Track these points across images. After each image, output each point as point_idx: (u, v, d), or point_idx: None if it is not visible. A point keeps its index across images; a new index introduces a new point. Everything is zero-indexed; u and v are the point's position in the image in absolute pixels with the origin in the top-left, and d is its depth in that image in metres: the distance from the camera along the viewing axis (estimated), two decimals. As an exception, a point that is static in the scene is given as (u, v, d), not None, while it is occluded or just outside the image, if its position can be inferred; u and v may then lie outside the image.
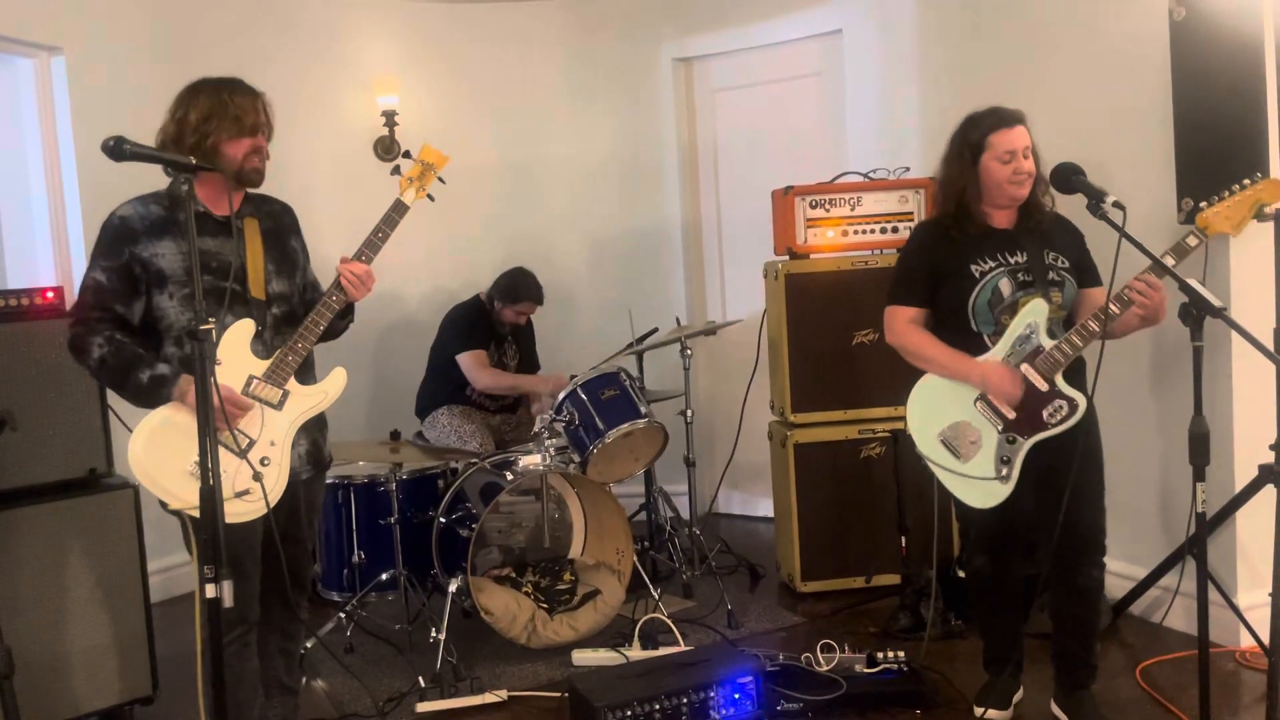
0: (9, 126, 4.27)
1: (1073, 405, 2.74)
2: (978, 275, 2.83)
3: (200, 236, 2.43)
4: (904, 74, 4.73)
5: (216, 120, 2.51)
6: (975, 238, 2.85)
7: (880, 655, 3.24)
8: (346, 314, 2.76)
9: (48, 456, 3.14)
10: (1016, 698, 3.09)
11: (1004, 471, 2.78)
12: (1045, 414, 2.75)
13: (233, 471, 2.42)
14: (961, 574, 3.40)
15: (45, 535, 3.10)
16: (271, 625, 2.84)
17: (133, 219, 2.53)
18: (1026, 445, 2.77)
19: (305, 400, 2.60)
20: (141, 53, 4.47)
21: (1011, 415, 2.77)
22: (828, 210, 4.17)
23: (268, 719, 2.90)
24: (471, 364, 4.73)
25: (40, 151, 4.25)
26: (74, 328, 2.54)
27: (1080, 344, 2.72)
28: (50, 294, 3.19)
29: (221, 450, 2.35)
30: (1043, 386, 2.75)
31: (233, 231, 2.59)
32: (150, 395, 2.47)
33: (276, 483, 2.53)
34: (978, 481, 2.80)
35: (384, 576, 4.10)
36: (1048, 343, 2.75)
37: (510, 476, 3.79)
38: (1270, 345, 2.84)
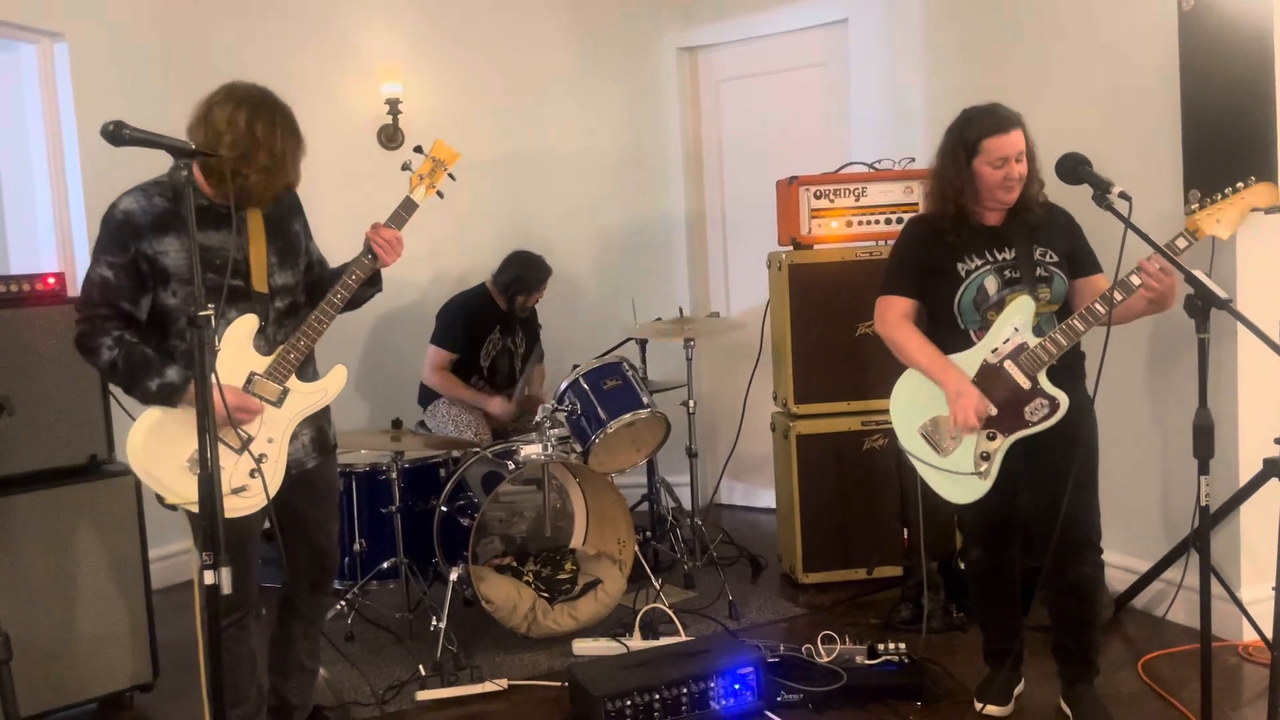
0: (12, 112, 4.26)
1: (1054, 404, 2.72)
2: (963, 274, 2.82)
3: (203, 230, 2.42)
4: (910, 63, 4.71)
5: (277, 162, 2.45)
6: (965, 235, 2.84)
7: (881, 647, 3.24)
8: (374, 282, 2.76)
9: (48, 443, 3.14)
10: (1018, 690, 3.08)
11: (983, 467, 2.77)
12: (1026, 412, 2.74)
13: (230, 468, 2.43)
14: (963, 566, 3.39)
15: (45, 522, 3.10)
16: (298, 611, 2.87)
17: (136, 213, 2.46)
18: (1007, 442, 2.76)
19: (305, 398, 2.60)
20: (144, 39, 4.46)
21: (993, 411, 2.76)
22: (832, 201, 4.15)
23: (286, 697, 2.94)
24: (432, 359, 4.73)
25: (43, 137, 4.24)
26: (81, 325, 2.49)
27: (1065, 342, 2.70)
28: (52, 280, 3.19)
29: (220, 448, 2.35)
30: (1025, 384, 2.73)
31: (234, 223, 2.53)
32: (160, 401, 2.45)
33: (273, 480, 2.52)
34: (956, 476, 2.79)
35: (385, 565, 4.11)
36: (1032, 340, 2.73)
37: (512, 466, 3.78)
38: (1276, 338, 2.81)
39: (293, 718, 2.96)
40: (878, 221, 4.16)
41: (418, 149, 2.78)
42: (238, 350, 2.50)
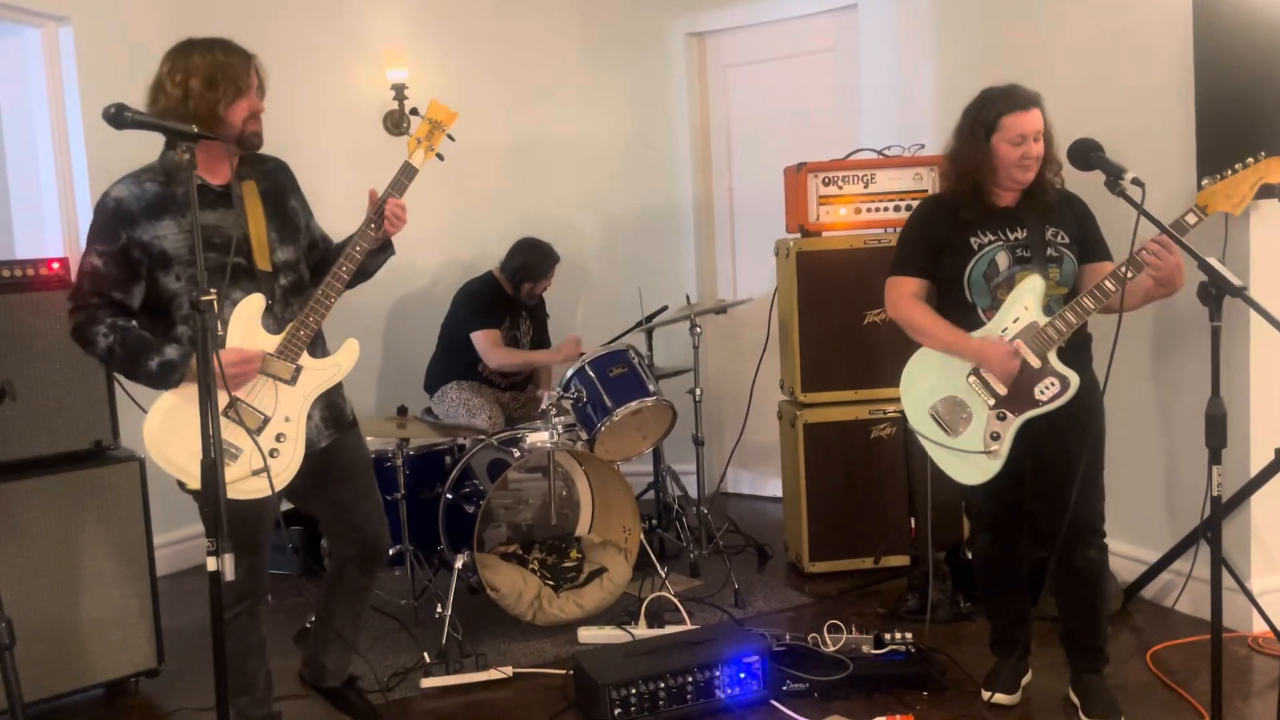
0: (17, 97, 4.24)
1: (1064, 383, 2.71)
2: (976, 248, 2.81)
3: (200, 210, 2.38)
4: (920, 49, 4.67)
5: (220, 86, 2.42)
6: (979, 213, 2.83)
7: (887, 636, 3.22)
8: (385, 248, 2.73)
9: (53, 428, 3.14)
10: (1025, 680, 3.07)
11: (993, 447, 2.75)
12: (1037, 391, 2.73)
13: (250, 449, 2.42)
14: (970, 555, 3.38)
15: (51, 507, 3.10)
16: (344, 588, 2.89)
17: (128, 200, 2.45)
18: (1017, 422, 2.75)
19: (318, 375, 2.58)
20: (149, 23, 4.43)
21: (1003, 391, 2.75)
22: (840, 187, 4.12)
23: (323, 664, 2.98)
24: (485, 343, 4.71)
25: (48, 122, 4.23)
26: (74, 315, 2.48)
27: (1074, 320, 2.69)
28: (55, 264, 3.18)
29: (237, 428, 2.38)
30: (1035, 363, 2.72)
31: (232, 201, 2.53)
32: (161, 381, 2.43)
33: (292, 460, 2.51)
34: (967, 456, 2.78)
35: (390, 552, 4.09)
36: (1042, 319, 2.72)
37: (517, 453, 3.77)
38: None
39: (327, 682, 3.01)
40: (886, 208, 4.13)
41: (413, 111, 2.70)
42: (246, 330, 2.49)
